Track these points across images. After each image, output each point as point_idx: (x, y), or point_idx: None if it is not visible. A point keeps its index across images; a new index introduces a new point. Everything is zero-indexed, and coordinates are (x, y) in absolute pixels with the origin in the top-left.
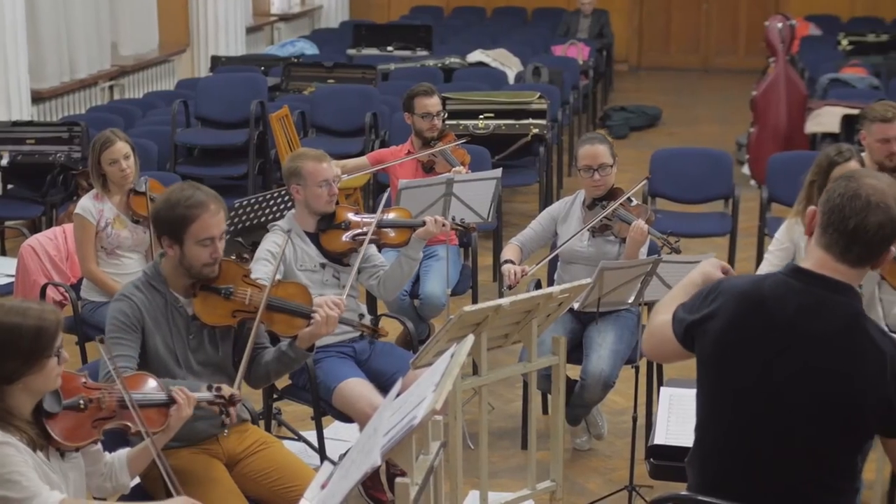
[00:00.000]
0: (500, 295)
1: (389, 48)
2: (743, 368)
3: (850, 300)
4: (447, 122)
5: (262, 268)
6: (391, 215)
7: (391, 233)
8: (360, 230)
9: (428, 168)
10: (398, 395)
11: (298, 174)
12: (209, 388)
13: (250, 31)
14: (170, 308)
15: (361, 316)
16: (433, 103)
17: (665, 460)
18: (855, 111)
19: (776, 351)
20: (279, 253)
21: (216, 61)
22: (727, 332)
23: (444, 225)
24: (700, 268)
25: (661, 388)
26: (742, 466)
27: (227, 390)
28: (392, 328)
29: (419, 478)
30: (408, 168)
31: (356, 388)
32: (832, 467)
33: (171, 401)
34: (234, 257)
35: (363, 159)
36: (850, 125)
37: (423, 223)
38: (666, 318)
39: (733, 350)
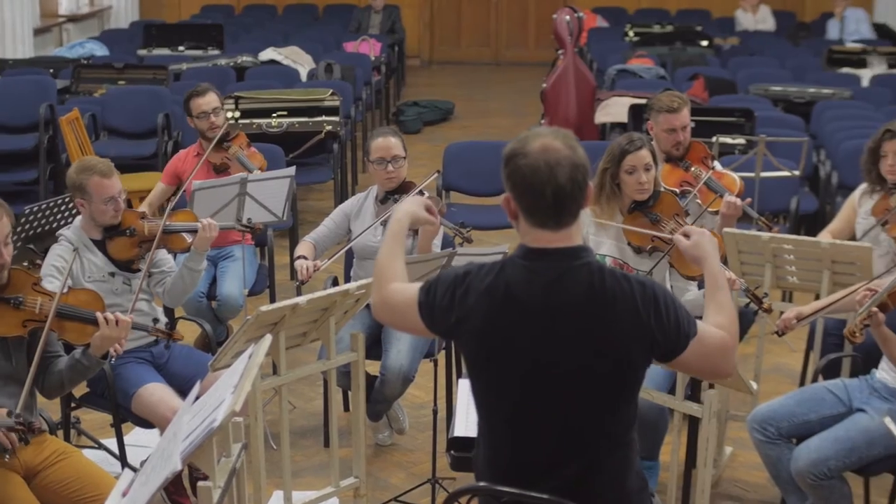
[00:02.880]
0: (298, 293)
1: (181, 48)
2: (512, 361)
3: (585, 259)
4: (240, 121)
5: (49, 285)
6: (177, 220)
7: (187, 237)
8: (146, 236)
9: (221, 169)
10: (197, 398)
11: (83, 189)
12: (9, 414)
13: (38, 32)
14: None
15: (156, 320)
16: (206, 102)
17: (465, 451)
18: (642, 101)
19: (537, 335)
20: (65, 267)
21: (3, 64)
22: (486, 330)
23: (215, 228)
24: (404, 208)
25: (460, 381)
26: (530, 449)
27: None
28: (190, 331)
29: (221, 480)
30: (201, 171)
31: (155, 392)
32: (617, 425)
33: None
34: (25, 264)
35: (160, 186)
36: (638, 115)
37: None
38: (405, 293)
39: (498, 346)
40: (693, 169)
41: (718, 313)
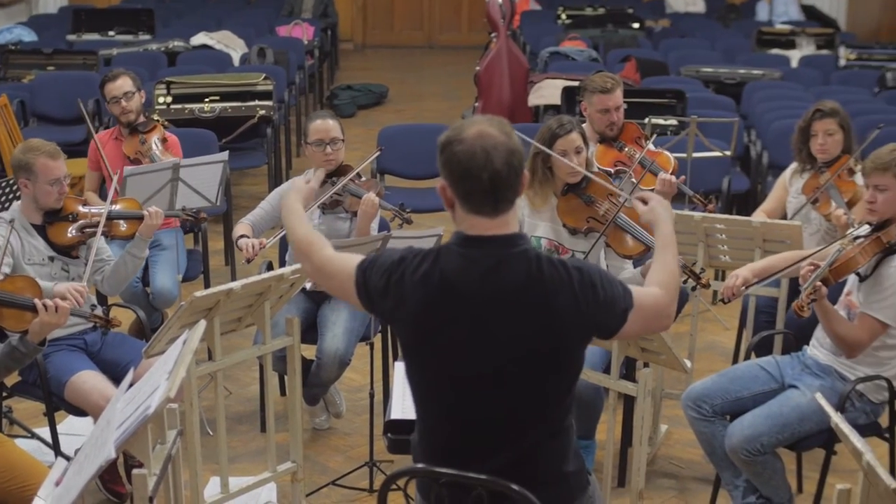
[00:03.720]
0: (233, 278)
1: (111, 33)
2: (448, 349)
3: (522, 247)
4: (172, 106)
5: None
6: (119, 206)
7: (122, 224)
8: (88, 221)
9: (134, 164)
10: (131, 385)
11: (29, 169)
12: None
13: None
14: None
15: (94, 307)
16: (117, 87)
17: (402, 434)
18: (575, 83)
19: (474, 323)
20: (4, 245)
21: None
22: (422, 318)
23: (161, 215)
24: (289, 195)
25: (396, 363)
26: (468, 435)
27: None
28: (124, 317)
29: (157, 468)
30: (117, 161)
31: (88, 380)
32: (555, 410)
33: None
34: None
35: (89, 173)
36: (571, 97)
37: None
38: (344, 265)
39: (433, 334)
40: (627, 149)
41: (662, 271)
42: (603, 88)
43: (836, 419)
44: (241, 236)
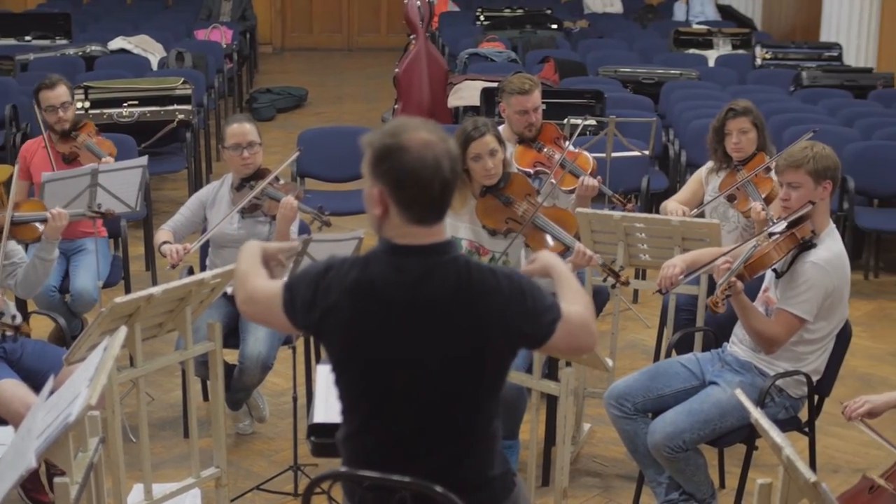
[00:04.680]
0: (154, 283)
1: (27, 37)
2: (378, 357)
3: (453, 254)
4: (90, 111)
5: None
6: (25, 210)
7: (38, 227)
8: None
9: (70, 159)
10: (51, 393)
11: None
12: None
13: None
14: None
15: (14, 316)
16: (55, 95)
17: (326, 437)
18: (494, 84)
19: (404, 330)
20: None
21: None
22: (351, 326)
23: (65, 217)
24: (252, 244)
25: (319, 366)
26: (394, 440)
27: None
28: (44, 325)
29: (79, 476)
30: (47, 162)
31: (8, 389)
32: (482, 417)
33: None
34: None
35: (19, 182)
36: (490, 98)
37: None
38: (269, 290)
39: (364, 342)
40: (546, 150)
41: (576, 302)
42: (521, 90)
43: (756, 414)
44: (164, 242)
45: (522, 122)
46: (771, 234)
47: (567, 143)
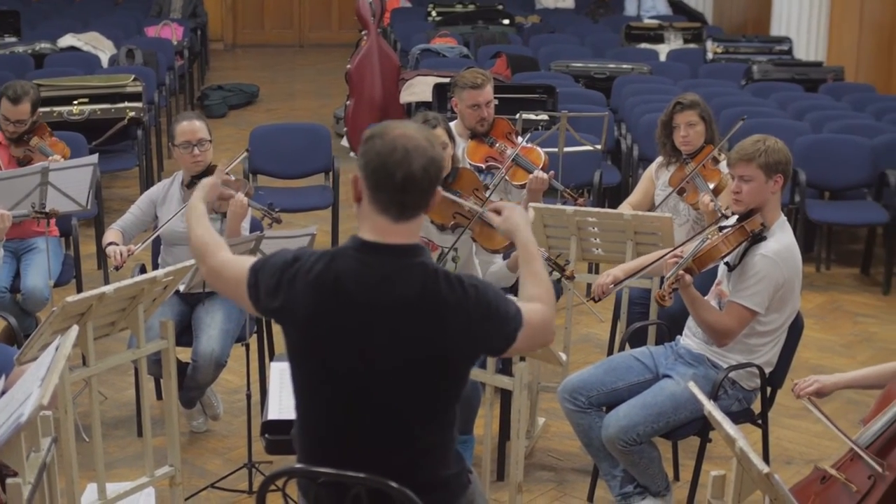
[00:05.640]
0: (106, 282)
1: None
2: (336, 353)
3: (421, 259)
4: (41, 109)
5: None
6: None
7: None
8: None
9: (24, 163)
10: (3, 393)
11: None
12: None
13: None
14: None
15: None
16: (15, 111)
17: (280, 434)
18: (446, 80)
19: (364, 329)
20: None
21: None
22: (312, 320)
23: (8, 218)
24: (195, 194)
25: (272, 364)
26: (348, 438)
27: None
28: None
29: (32, 476)
30: (4, 162)
31: None
32: (439, 420)
33: None
34: None
35: None
36: (442, 94)
37: None
38: (236, 268)
39: (322, 337)
40: (498, 144)
41: (536, 285)
42: (473, 84)
43: (709, 407)
44: (110, 243)
45: (474, 116)
46: (721, 228)
47: (519, 137)
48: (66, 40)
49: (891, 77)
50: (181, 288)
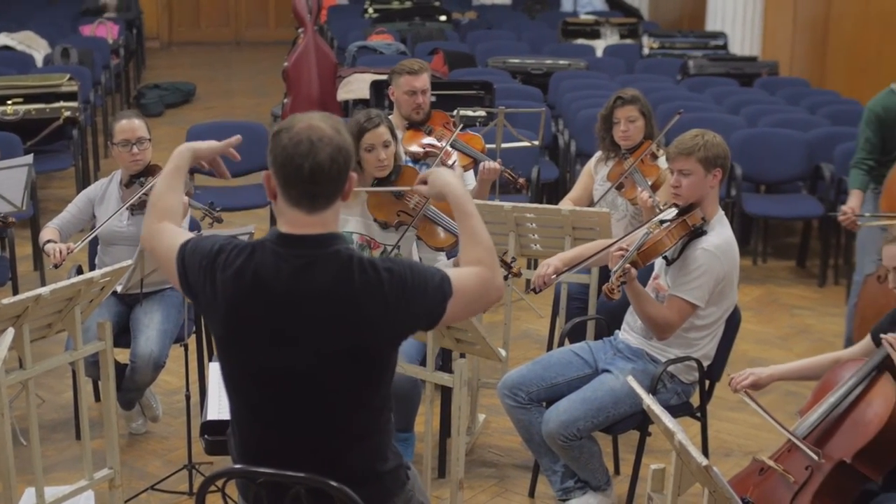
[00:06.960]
0: (42, 283)
1: None
2: (257, 345)
3: (337, 248)
4: None
5: None
6: None
7: None
8: None
9: None
10: None
11: None
12: None
13: None
14: None
15: None
16: None
17: (220, 435)
18: (384, 77)
19: (283, 322)
20: None
21: None
22: (232, 314)
23: None
24: (186, 145)
25: (211, 364)
26: (277, 434)
27: None
28: None
29: None
30: None
31: None
32: (369, 409)
33: None
34: None
35: None
36: (380, 91)
37: None
38: (171, 241)
39: (244, 331)
40: (436, 132)
41: (474, 245)
42: (410, 70)
43: (648, 401)
44: (48, 241)
45: (411, 103)
46: (662, 222)
47: (458, 127)
48: (0, 40)
49: (824, 71)
50: (118, 289)
